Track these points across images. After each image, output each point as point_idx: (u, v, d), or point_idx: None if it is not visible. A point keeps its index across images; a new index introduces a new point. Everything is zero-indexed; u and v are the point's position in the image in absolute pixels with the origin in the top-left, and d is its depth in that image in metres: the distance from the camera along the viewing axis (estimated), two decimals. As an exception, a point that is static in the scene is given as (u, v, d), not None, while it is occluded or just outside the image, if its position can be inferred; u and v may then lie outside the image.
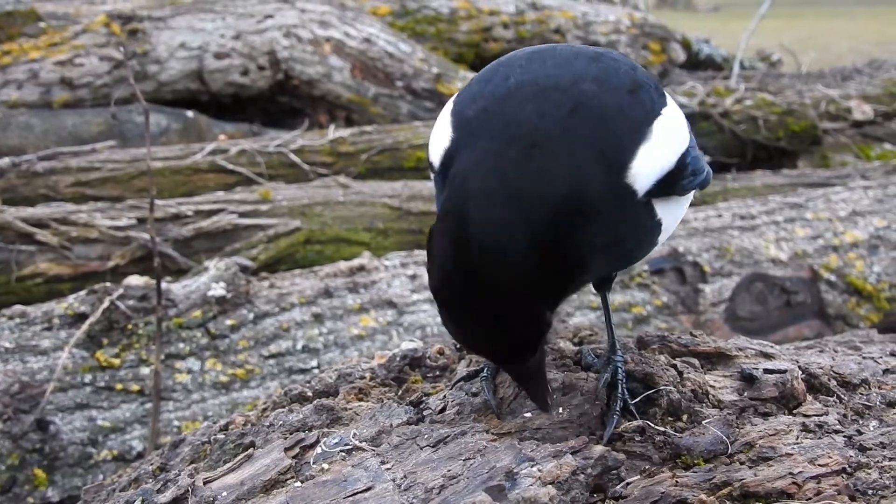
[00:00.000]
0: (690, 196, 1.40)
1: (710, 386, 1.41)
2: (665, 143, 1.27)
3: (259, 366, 2.67)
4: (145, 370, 2.57)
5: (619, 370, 1.36)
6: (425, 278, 2.97)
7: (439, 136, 1.30)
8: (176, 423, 2.58)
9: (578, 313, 3.05)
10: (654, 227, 1.30)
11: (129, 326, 2.61)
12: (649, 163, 1.23)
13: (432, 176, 1.34)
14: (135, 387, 2.56)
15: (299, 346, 2.72)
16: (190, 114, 4.59)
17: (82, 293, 2.66)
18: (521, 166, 1.15)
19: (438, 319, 2.90)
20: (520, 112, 1.21)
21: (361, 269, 2.94)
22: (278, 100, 5.05)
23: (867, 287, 3.36)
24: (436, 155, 1.29)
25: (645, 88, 1.29)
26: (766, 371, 1.45)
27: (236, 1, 5.09)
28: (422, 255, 3.12)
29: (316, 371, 2.65)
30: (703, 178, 1.36)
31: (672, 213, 1.33)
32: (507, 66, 1.33)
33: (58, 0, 5.40)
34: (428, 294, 2.94)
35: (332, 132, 4.16)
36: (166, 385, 2.58)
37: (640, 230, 1.28)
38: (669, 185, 1.27)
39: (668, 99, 1.33)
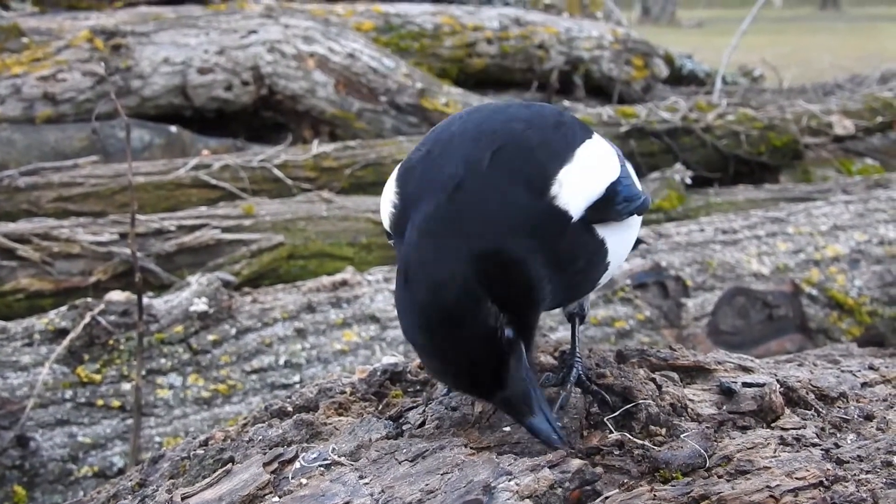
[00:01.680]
0: (635, 223, 1.47)
1: (689, 399, 1.42)
2: (589, 167, 1.35)
3: (241, 381, 2.66)
4: (126, 386, 2.56)
5: (577, 365, 1.43)
6: (408, 293, 2.97)
7: (386, 201, 1.36)
8: (157, 438, 2.57)
9: (562, 328, 3.05)
10: (598, 249, 1.36)
11: (111, 342, 2.60)
12: (575, 184, 1.31)
13: (390, 242, 1.39)
14: (116, 402, 2.54)
15: (282, 362, 2.72)
16: (173, 129, 4.58)
17: (63, 308, 2.65)
18: (447, 210, 1.22)
19: (421, 334, 2.91)
20: (454, 155, 1.28)
21: (344, 283, 2.94)
22: (262, 115, 5.05)
23: (848, 301, 3.37)
24: (386, 219, 1.37)
25: (569, 125, 1.40)
26: (745, 384, 1.45)
27: (220, 16, 5.10)
28: (405, 269, 3.12)
29: (298, 386, 2.64)
30: (638, 205, 1.42)
31: (617, 238, 1.40)
32: (450, 119, 1.41)
33: (41, 15, 5.39)
34: (411, 309, 2.93)
35: (316, 147, 4.17)
36: (148, 401, 2.57)
37: (586, 253, 1.34)
38: (603, 210, 1.35)
39: (597, 136, 1.45)
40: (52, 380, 2.51)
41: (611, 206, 1.36)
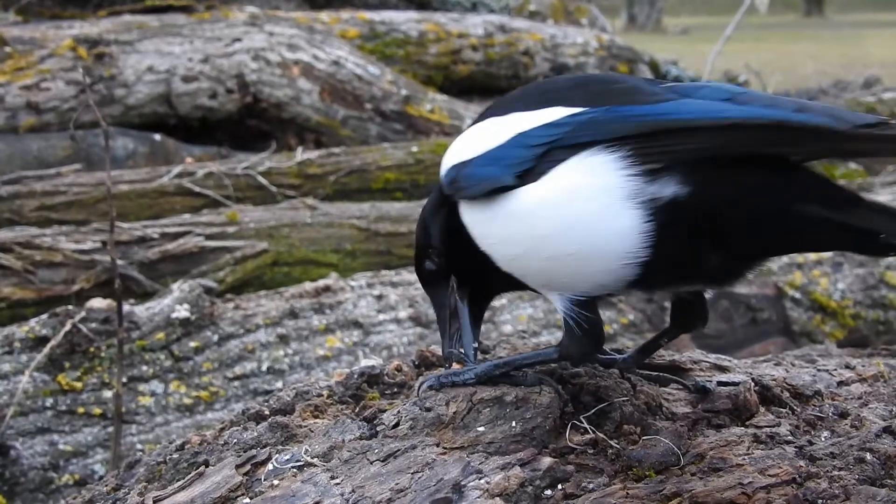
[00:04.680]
0: (527, 200, 1.28)
1: (664, 399, 1.42)
2: (467, 140, 1.38)
3: (223, 388, 2.66)
4: (108, 393, 2.55)
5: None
6: (391, 298, 2.97)
7: None
8: (139, 446, 2.56)
9: (545, 332, 3.06)
10: (463, 231, 1.38)
11: (92, 349, 2.60)
12: (448, 156, 1.38)
13: None
14: (97, 410, 2.54)
15: (264, 368, 2.72)
16: (157, 137, 4.57)
17: (44, 316, 2.64)
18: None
19: (404, 339, 2.91)
20: None
21: (327, 289, 2.94)
22: (247, 123, 5.04)
23: (832, 304, 3.39)
24: None
25: (498, 103, 1.43)
26: (720, 383, 1.46)
27: (204, 24, 5.09)
28: (388, 275, 3.12)
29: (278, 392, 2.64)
30: (467, 189, 1.34)
31: (481, 217, 1.33)
32: None
33: (24, 24, 5.37)
34: (394, 314, 2.94)
35: (301, 154, 4.17)
36: (129, 408, 2.56)
37: (459, 234, 1.39)
38: (452, 187, 1.37)
39: (487, 122, 1.38)
40: (32, 388, 2.50)
41: (453, 183, 1.36)
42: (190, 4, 5.53)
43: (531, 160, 1.27)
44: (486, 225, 1.33)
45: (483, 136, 1.35)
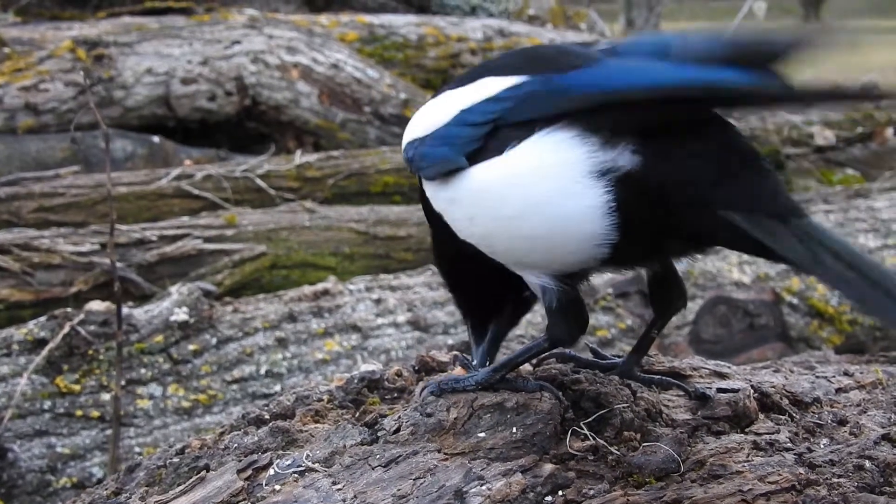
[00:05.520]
0: (485, 180, 1.29)
1: (664, 405, 1.42)
2: (411, 126, 1.39)
3: (222, 391, 2.66)
4: (106, 396, 2.55)
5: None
6: (390, 302, 2.97)
7: None
8: (137, 449, 2.56)
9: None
10: (427, 204, 1.40)
11: (90, 352, 2.59)
12: (407, 129, 1.39)
13: None
14: (95, 413, 2.54)
15: (263, 371, 2.72)
16: (156, 139, 4.57)
17: (42, 319, 2.64)
18: None
19: (403, 343, 2.91)
20: None
21: (326, 293, 2.94)
22: (246, 125, 5.05)
23: (829, 310, 3.40)
24: None
25: (466, 73, 1.41)
26: (720, 390, 1.46)
27: (203, 27, 5.09)
28: (387, 279, 3.12)
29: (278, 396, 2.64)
30: (424, 169, 1.36)
31: (464, 189, 1.31)
32: None
33: (23, 25, 5.37)
34: (392, 318, 2.94)
35: (299, 157, 4.17)
36: (127, 411, 2.56)
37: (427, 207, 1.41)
38: (409, 163, 1.38)
39: (438, 98, 1.39)
40: (30, 390, 2.50)
41: (412, 162, 1.38)
42: (189, 6, 5.54)
43: (478, 139, 1.29)
44: (450, 204, 1.35)
45: (434, 112, 1.37)
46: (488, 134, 1.28)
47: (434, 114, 1.36)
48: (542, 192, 1.23)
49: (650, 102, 1.20)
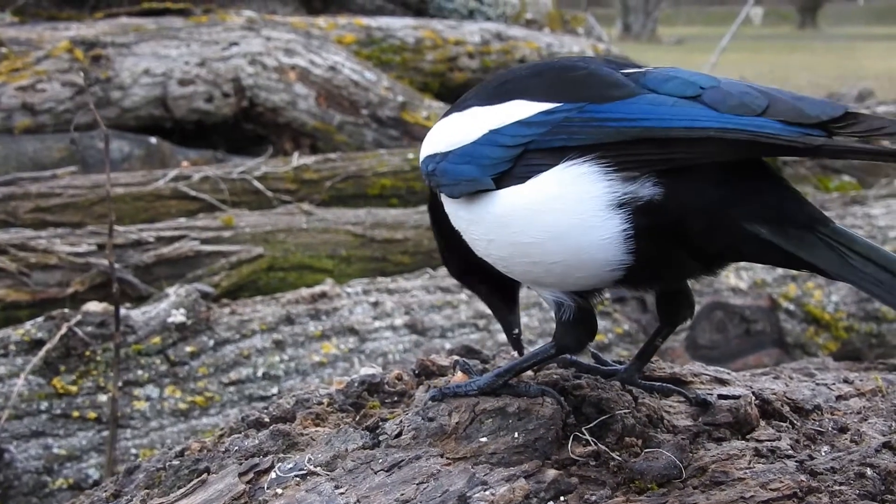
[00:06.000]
0: (511, 204, 1.29)
1: (665, 411, 1.42)
2: (432, 139, 1.39)
3: (219, 393, 2.65)
4: (103, 397, 2.55)
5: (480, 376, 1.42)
6: (387, 305, 2.97)
7: None
8: (134, 451, 2.55)
9: (541, 340, 3.06)
10: (447, 219, 1.40)
11: (87, 353, 2.59)
12: (424, 145, 1.40)
13: None
14: (92, 414, 2.53)
15: (260, 373, 2.71)
16: (153, 140, 4.57)
17: (39, 319, 2.63)
18: None
19: (400, 347, 2.91)
20: None
21: (323, 295, 2.94)
22: (243, 127, 5.04)
23: (825, 316, 3.40)
24: None
25: (476, 89, 1.42)
26: (721, 396, 1.46)
27: (201, 28, 5.09)
28: (384, 282, 3.12)
29: (276, 398, 2.64)
30: (447, 187, 1.36)
31: (488, 210, 1.32)
32: None
33: (20, 25, 5.37)
34: (389, 321, 2.94)
35: (297, 159, 4.16)
36: (124, 412, 2.55)
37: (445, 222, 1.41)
38: (428, 176, 1.38)
39: (463, 113, 1.38)
40: (27, 391, 2.49)
41: (431, 175, 1.38)
42: (187, 8, 5.54)
43: (507, 161, 1.29)
44: (470, 223, 1.35)
45: (458, 127, 1.36)
46: (517, 157, 1.28)
47: (459, 129, 1.35)
48: (563, 222, 1.24)
49: (687, 142, 1.20)
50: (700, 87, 1.23)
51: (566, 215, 1.24)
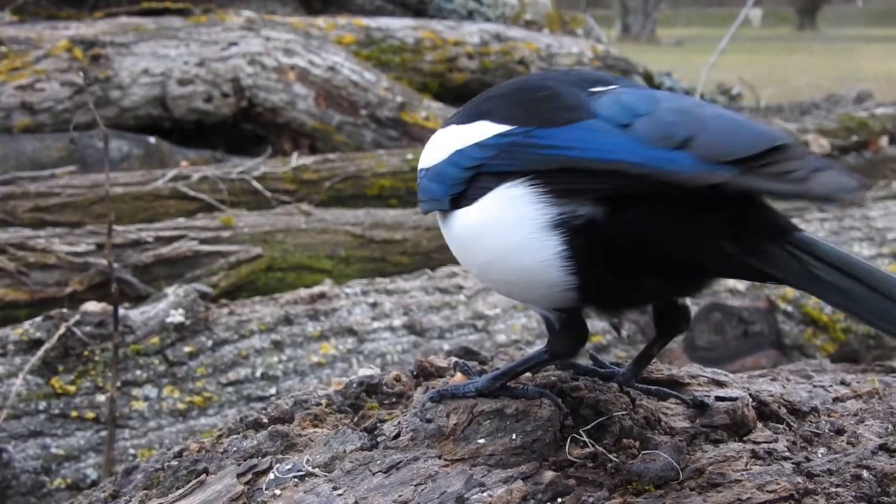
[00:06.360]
0: (463, 226, 1.32)
1: (663, 413, 1.43)
2: (425, 152, 1.40)
3: (217, 393, 2.66)
4: (101, 397, 2.55)
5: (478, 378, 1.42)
6: (386, 306, 2.97)
7: None
8: (132, 451, 2.55)
9: (539, 342, 3.06)
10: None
11: (86, 353, 2.59)
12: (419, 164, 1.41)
13: None
14: (90, 414, 2.53)
15: (258, 374, 2.71)
16: (152, 140, 4.57)
17: (38, 319, 2.63)
18: None
19: (398, 347, 2.91)
20: None
21: (322, 296, 2.94)
22: (242, 127, 5.05)
23: (823, 318, 3.40)
24: None
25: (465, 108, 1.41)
26: (718, 398, 1.47)
27: (200, 28, 5.10)
28: (383, 283, 3.12)
29: (274, 399, 2.64)
30: (421, 203, 1.39)
31: (450, 230, 1.35)
32: None
33: (20, 24, 5.37)
34: (388, 322, 2.94)
35: (296, 160, 4.17)
36: (123, 412, 2.56)
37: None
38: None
39: (447, 129, 1.38)
40: (25, 391, 2.49)
41: (419, 189, 1.41)
42: (186, 8, 5.55)
43: (463, 182, 1.30)
44: (447, 239, 1.39)
45: (439, 145, 1.37)
46: (470, 179, 1.29)
47: (439, 147, 1.37)
48: (506, 244, 1.26)
49: (602, 174, 1.18)
50: (635, 114, 1.19)
51: (507, 238, 1.25)
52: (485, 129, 1.30)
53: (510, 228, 1.24)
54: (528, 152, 1.23)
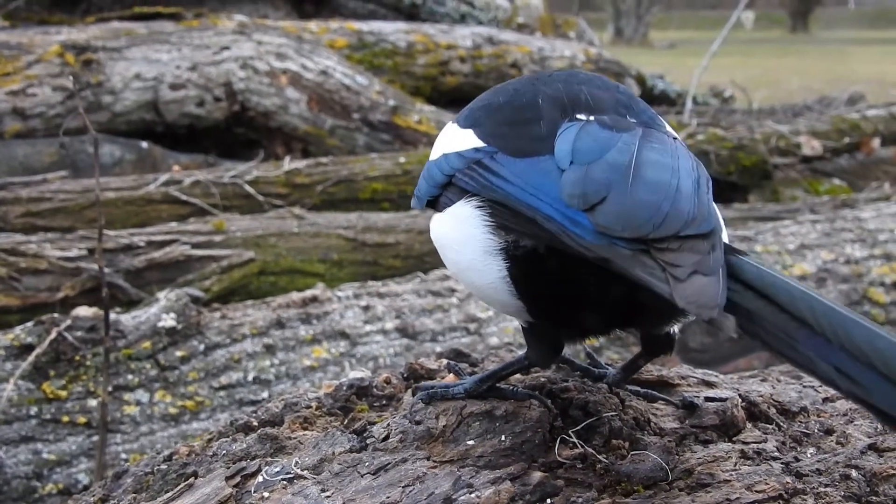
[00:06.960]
0: (434, 232, 1.33)
1: (652, 414, 1.43)
2: (435, 145, 1.37)
3: (209, 397, 2.65)
4: (93, 402, 2.54)
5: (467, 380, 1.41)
6: (378, 309, 2.97)
7: None
8: (124, 455, 2.55)
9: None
10: None
11: (77, 358, 2.58)
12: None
13: None
14: (82, 419, 2.52)
15: (250, 378, 2.71)
16: (144, 144, 4.57)
17: (29, 324, 2.63)
18: None
19: (391, 351, 2.91)
20: None
21: (314, 300, 2.94)
22: (234, 131, 5.05)
23: (815, 319, 3.41)
24: None
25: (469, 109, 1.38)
26: (708, 399, 1.47)
27: (192, 32, 5.10)
28: (375, 286, 3.12)
29: (265, 402, 2.63)
30: (413, 197, 1.38)
31: (431, 231, 1.35)
32: None
33: (11, 30, 5.36)
34: (380, 325, 2.94)
35: (288, 163, 4.17)
36: (114, 417, 2.55)
37: None
38: None
39: (460, 129, 1.35)
40: (16, 396, 2.49)
41: None
42: (178, 12, 5.54)
43: (439, 187, 1.30)
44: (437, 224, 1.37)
45: (438, 144, 1.37)
46: (446, 185, 1.29)
47: (439, 143, 1.36)
48: (459, 260, 1.28)
49: (526, 219, 1.16)
50: (578, 160, 1.17)
51: (461, 255, 1.27)
52: (468, 140, 1.30)
53: (462, 247, 1.25)
54: (485, 176, 1.23)
